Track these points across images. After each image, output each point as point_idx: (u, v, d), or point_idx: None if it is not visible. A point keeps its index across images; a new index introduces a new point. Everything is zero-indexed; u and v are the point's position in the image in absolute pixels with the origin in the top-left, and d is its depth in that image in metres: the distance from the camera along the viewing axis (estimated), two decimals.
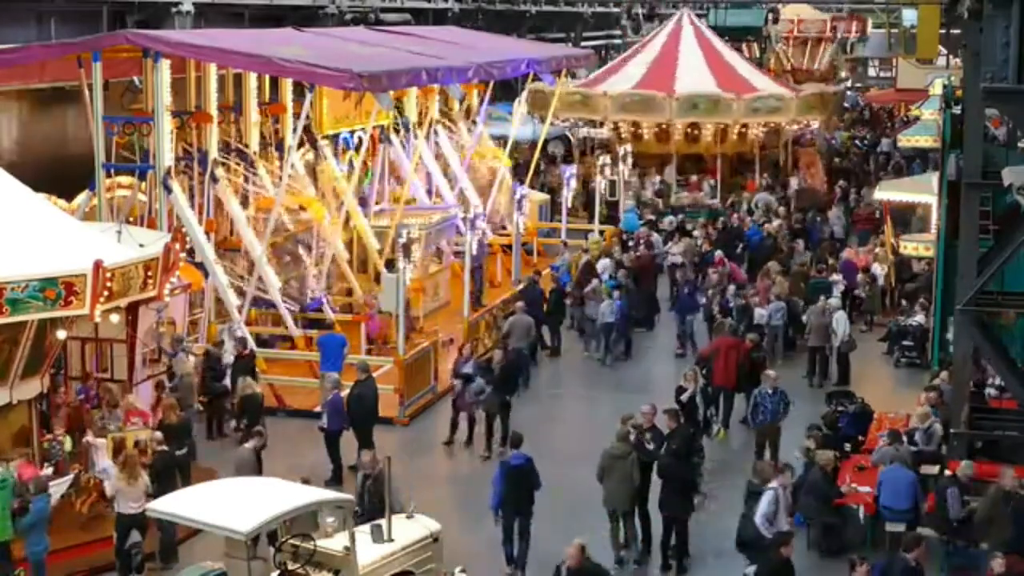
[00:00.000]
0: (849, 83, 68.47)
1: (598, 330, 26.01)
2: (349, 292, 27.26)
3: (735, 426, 21.56)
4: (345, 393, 19.94)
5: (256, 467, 17.12)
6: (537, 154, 37.27)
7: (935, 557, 15.81)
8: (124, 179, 24.33)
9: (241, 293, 23.96)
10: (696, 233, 32.87)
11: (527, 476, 16.48)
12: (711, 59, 41.93)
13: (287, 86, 27.08)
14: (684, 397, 19.99)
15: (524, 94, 39.62)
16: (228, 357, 21.99)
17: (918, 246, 28.25)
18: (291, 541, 13.79)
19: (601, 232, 33.91)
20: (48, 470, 17.09)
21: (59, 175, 25.23)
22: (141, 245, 17.60)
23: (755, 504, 15.79)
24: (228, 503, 13.76)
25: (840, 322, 24.32)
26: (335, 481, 18.91)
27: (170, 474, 16.64)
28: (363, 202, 29.36)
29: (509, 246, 31.63)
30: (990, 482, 16.21)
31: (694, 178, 40.07)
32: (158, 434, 17.41)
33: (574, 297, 27.56)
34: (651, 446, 17.00)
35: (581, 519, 17.71)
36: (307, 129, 26.93)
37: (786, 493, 15.96)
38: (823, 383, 23.97)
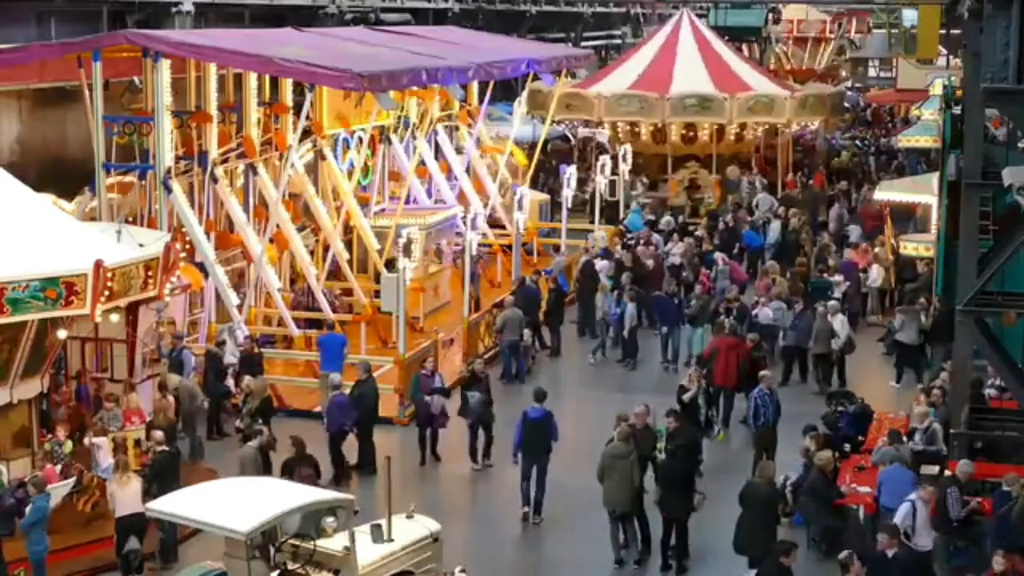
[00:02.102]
0: (849, 83, 68.52)
1: (607, 333, 25.96)
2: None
3: (735, 426, 21.55)
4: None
5: (260, 466, 17.16)
6: (537, 154, 37.26)
7: (935, 557, 15.80)
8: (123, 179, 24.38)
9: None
10: (698, 233, 32.79)
11: (544, 428, 18.05)
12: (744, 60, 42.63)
13: (287, 86, 27.08)
14: (686, 398, 19.97)
15: (524, 94, 39.57)
16: (229, 357, 21.98)
17: (918, 246, 28.22)
18: (291, 541, 13.81)
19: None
20: (54, 470, 17.10)
21: (59, 175, 25.26)
22: (141, 245, 17.61)
23: (752, 506, 15.81)
24: (228, 503, 13.76)
25: (844, 325, 24.22)
26: (336, 481, 18.93)
27: (170, 474, 16.63)
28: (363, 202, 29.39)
29: (509, 246, 31.62)
30: (990, 482, 16.21)
31: (790, 176, 40.84)
32: (159, 434, 17.41)
33: (576, 298, 27.54)
34: (662, 455, 17.01)
35: (581, 519, 17.75)
36: (307, 129, 26.94)
37: (927, 507, 15.40)
38: (826, 389, 23.81)
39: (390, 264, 25.58)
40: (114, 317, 18.18)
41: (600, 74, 42.66)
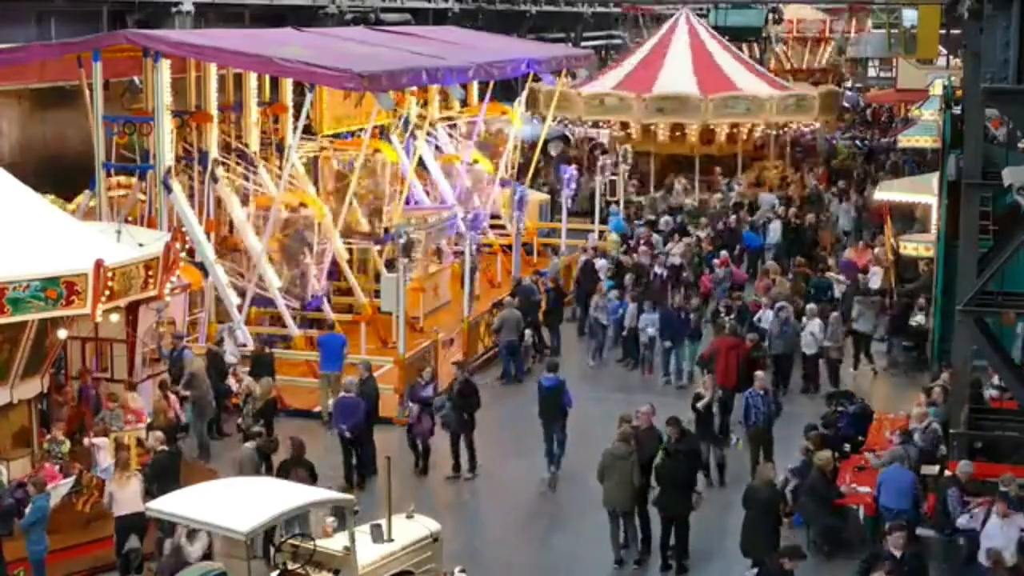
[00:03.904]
0: (849, 83, 68.54)
1: (605, 334, 25.92)
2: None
3: (735, 426, 21.48)
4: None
5: (257, 466, 17.15)
6: (537, 154, 37.21)
7: (935, 557, 15.81)
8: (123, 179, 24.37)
9: (242, 293, 23.94)
10: (702, 234, 32.69)
11: (558, 395, 19.37)
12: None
13: (287, 86, 27.07)
14: (701, 405, 19.69)
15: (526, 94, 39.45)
16: (229, 357, 21.97)
17: (918, 246, 28.22)
18: (291, 541, 13.80)
19: (601, 233, 33.83)
20: (54, 469, 17.10)
21: (59, 175, 25.24)
22: (141, 245, 17.61)
23: (753, 508, 15.82)
24: (228, 503, 13.76)
25: (817, 328, 24.19)
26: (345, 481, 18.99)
27: (170, 474, 16.62)
28: None
29: (509, 246, 31.61)
30: (990, 482, 16.21)
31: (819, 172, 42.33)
32: (159, 433, 17.42)
33: (576, 298, 27.49)
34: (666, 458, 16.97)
35: (581, 519, 17.75)
36: (307, 128, 26.95)
37: (1002, 521, 14.87)
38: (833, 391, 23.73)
39: (390, 264, 25.58)
40: (114, 317, 18.18)
41: (633, 78, 41.33)
